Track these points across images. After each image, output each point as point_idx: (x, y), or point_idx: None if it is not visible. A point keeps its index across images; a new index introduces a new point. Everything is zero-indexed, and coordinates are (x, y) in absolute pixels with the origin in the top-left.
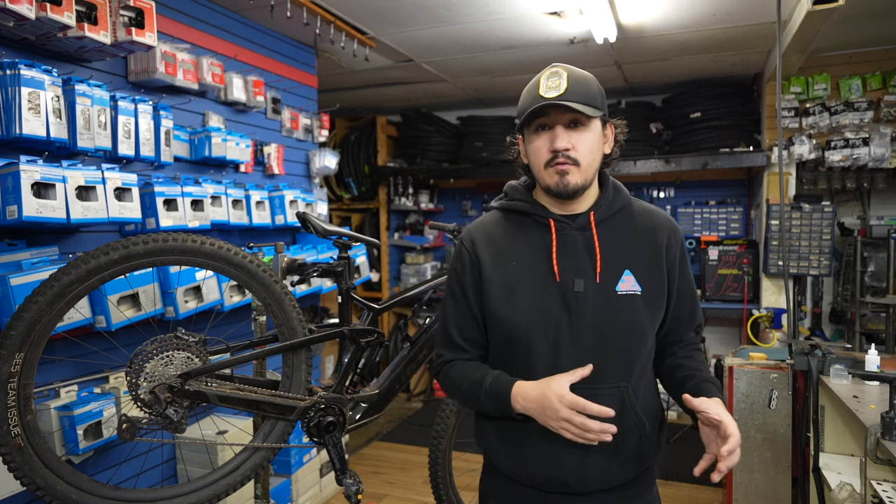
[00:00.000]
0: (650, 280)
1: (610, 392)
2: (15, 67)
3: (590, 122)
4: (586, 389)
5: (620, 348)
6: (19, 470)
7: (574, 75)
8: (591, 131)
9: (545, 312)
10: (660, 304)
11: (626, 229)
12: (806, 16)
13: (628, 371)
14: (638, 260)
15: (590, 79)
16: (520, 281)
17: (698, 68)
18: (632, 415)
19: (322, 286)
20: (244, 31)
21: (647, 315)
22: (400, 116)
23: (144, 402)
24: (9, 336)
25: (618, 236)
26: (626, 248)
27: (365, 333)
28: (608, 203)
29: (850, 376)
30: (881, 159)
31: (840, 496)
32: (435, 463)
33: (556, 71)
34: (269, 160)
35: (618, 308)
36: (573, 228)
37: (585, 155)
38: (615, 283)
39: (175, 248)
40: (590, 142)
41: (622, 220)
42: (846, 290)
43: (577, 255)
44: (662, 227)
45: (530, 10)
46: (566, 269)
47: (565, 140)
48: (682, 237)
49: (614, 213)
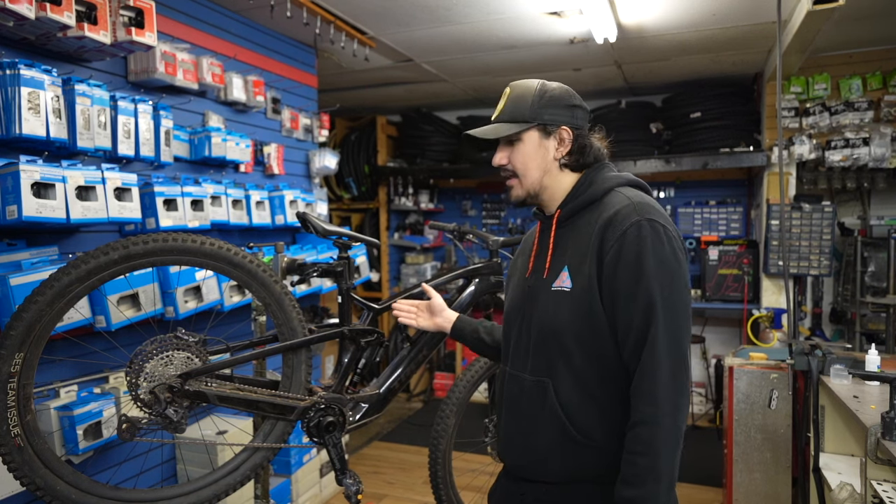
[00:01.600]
0: (579, 277)
1: (532, 383)
2: (15, 67)
3: (522, 136)
4: (519, 377)
5: (544, 343)
6: (19, 470)
7: (514, 94)
8: (523, 144)
9: (513, 305)
10: (589, 304)
11: (583, 225)
12: (806, 16)
13: (552, 367)
14: (575, 257)
15: (528, 92)
16: (514, 275)
17: (698, 68)
18: (553, 412)
19: (322, 286)
20: (244, 30)
21: (570, 313)
22: (400, 116)
23: (144, 402)
24: (8, 336)
25: (571, 233)
26: (571, 245)
27: (365, 333)
28: (574, 199)
29: (851, 376)
30: (881, 159)
31: (840, 496)
32: (435, 463)
33: (505, 91)
34: (268, 160)
35: (548, 304)
36: (547, 227)
37: (520, 167)
38: (554, 280)
39: (175, 248)
40: (524, 154)
41: (585, 215)
42: (846, 290)
43: (543, 253)
44: (603, 220)
45: (530, 10)
46: (536, 265)
47: (501, 157)
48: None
49: (580, 210)
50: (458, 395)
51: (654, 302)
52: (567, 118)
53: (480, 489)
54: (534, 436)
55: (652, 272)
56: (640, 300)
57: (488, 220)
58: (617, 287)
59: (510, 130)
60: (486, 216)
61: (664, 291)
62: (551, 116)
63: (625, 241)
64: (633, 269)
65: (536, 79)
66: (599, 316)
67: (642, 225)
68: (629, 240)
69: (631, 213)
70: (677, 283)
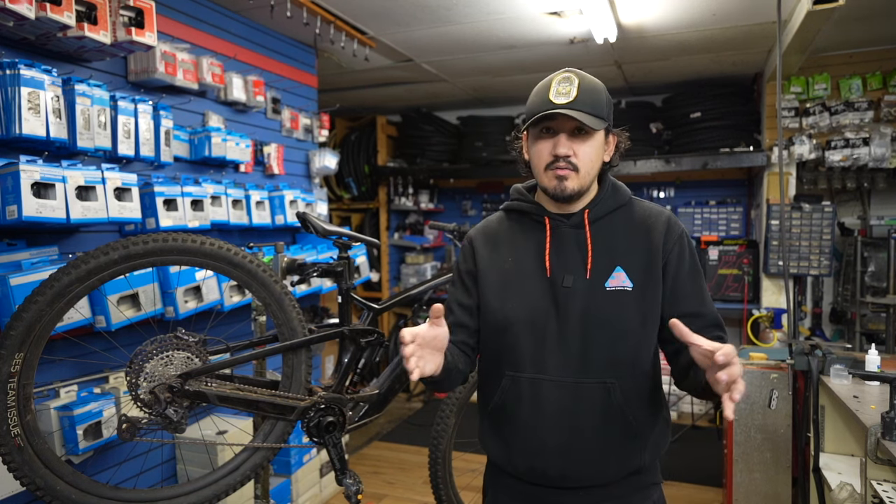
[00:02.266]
0: (643, 277)
1: (594, 386)
2: (15, 67)
3: (593, 132)
4: (571, 383)
5: (605, 344)
6: (19, 470)
7: (585, 83)
8: (593, 140)
9: (534, 307)
10: (653, 302)
11: (622, 227)
12: (806, 16)
13: (615, 367)
14: (631, 257)
15: (600, 88)
16: (514, 276)
17: (698, 68)
18: (617, 412)
19: (322, 286)
20: (244, 30)
21: (636, 312)
22: (400, 116)
23: (144, 402)
24: (8, 336)
25: (612, 234)
26: (619, 246)
27: (365, 333)
28: (604, 202)
29: (851, 376)
30: (881, 159)
31: (840, 496)
32: (435, 463)
33: (569, 77)
34: (268, 160)
35: (605, 304)
36: (568, 226)
37: (585, 163)
38: (605, 280)
39: (175, 248)
40: (591, 150)
41: (619, 218)
42: (846, 290)
43: (570, 252)
44: (660, 225)
45: (530, 10)
46: (557, 265)
47: (568, 147)
48: (685, 238)
49: (611, 212)
50: (458, 395)
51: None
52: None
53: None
54: (592, 440)
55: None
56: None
57: None
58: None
59: (598, 125)
60: (486, 216)
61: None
62: (611, 119)
63: (682, 243)
64: (691, 266)
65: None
66: (657, 312)
67: (686, 233)
68: (685, 242)
69: (677, 223)
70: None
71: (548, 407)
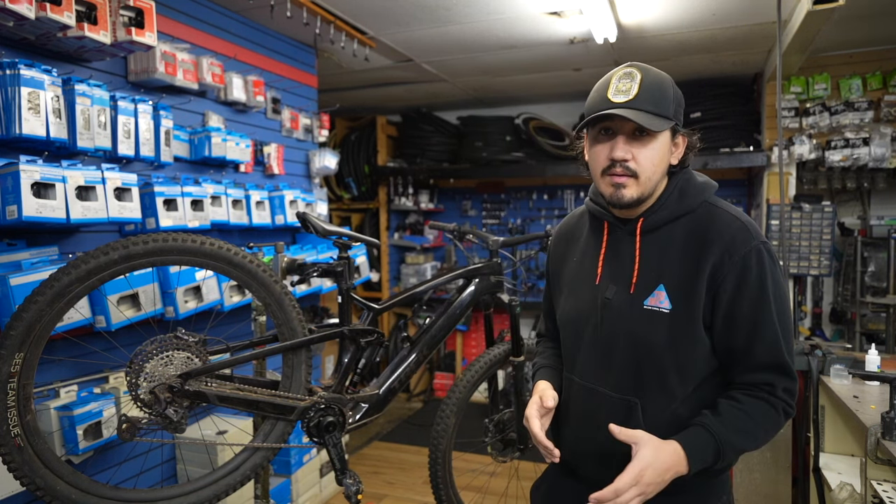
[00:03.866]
0: (684, 299)
1: (616, 401)
2: (15, 67)
3: (656, 134)
4: (598, 393)
5: (630, 362)
6: (19, 470)
7: (648, 79)
8: (657, 142)
9: (580, 311)
10: (692, 326)
11: (677, 239)
12: (806, 16)
13: (639, 387)
14: (676, 275)
15: (665, 84)
16: (573, 277)
17: (698, 68)
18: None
19: (322, 286)
20: (244, 30)
21: (668, 335)
22: (400, 116)
23: (144, 402)
24: (8, 336)
25: (664, 247)
26: (668, 261)
27: (365, 333)
28: (664, 209)
29: (851, 376)
30: (881, 159)
31: (840, 496)
32: (435, 463)
33: (630, 72)
34: (269, 160)
35: (638, 322)
36: (625, 233)
37: (646, 168)
38: (646, 297)
39: (175, 248)
40: (653, 154)
41: (680, 227)
42: (846, 290)
43: (621, 262)
44: (721, 240)
45: (530, 10)
46: (607, 274)
47: (626, 150)
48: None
49: (672, 220)
50: (458, 395)
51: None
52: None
53: (480, 489)
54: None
55: (772, 298)
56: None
57: (488, 220)
58: (736, 314)
59: (660, 126)
60: (486, 216)
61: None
62: (679, 118)
63: (748, 267)
64: (757, 296)
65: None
66: (701, 342)
67: (762, 251)
68: (753, 267)
69: (748, 238)
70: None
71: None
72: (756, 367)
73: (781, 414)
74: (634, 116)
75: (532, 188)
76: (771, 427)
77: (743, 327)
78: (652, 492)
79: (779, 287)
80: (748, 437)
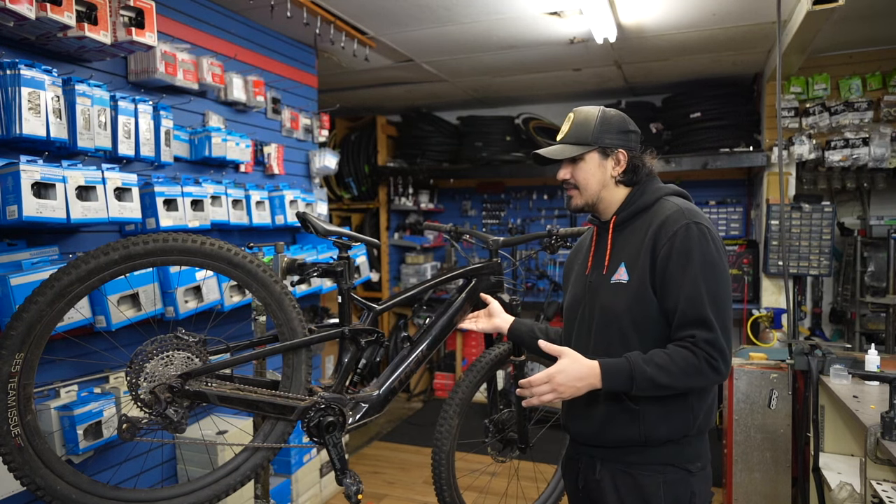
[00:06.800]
0: (638, 272)
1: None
2: (15, 67)
3: (585, 156)
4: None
5: (605, 327)
6: (19, 470)
7: (578, 119)
8: (585, 163)
9: (576, 297)
10: (644, 294)
11: (637, 229)
12: (806, 16)
13: (609, 346)
14: (631, 255)
15: (589, 118)
16: (573, 271)
17: (698, 68)
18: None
19: (322, 286)
20: (244, 31)
21: (627, 302)
22: (400, 116)
23: (144, 402)
24: (9, 336)
25: (628, 235)
26: (629, 245)
27: (365, 333)
28: (628, 208)
29: (850, 376)
30: (881, 159)
31: (840, 496)
32: (439, 464)
33: (569, 116)
34: (269, 160)
35: (606, 295)
36: (604, 230)
37: (582, 181)
38: (613, 275)
39: (175, 248)
40: (585, 172)
41: (639, 221)
42: (846, 290)
43: (601, 252)
44: (658, 221)
45: (530, 10)
46: (594, 263)
47: (565, 172)
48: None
49: (634, 216)
50: (461, 396)
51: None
52: (623, 142)
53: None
54: (593, 407)
55: (697, 263)
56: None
57: (488, 220)
58: (667, 277)
59: (575, 152)
60: (486, 216)
61: (709, 284)
62: (610, 140)
63: (675, 239)
64: (683, 262)
65: (596, 106)
66: (651, 303)
67: (690, 227)
68: (679, 238)
69: (680, 217)
70: (720, 277)
71: None
72: (683, 323)
73: (703, 362)
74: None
75: (532, 188)
76: (691, 371)
77: (672, 288)
78: (564, 392)
79: (706, 256)
80: (662, 370)
